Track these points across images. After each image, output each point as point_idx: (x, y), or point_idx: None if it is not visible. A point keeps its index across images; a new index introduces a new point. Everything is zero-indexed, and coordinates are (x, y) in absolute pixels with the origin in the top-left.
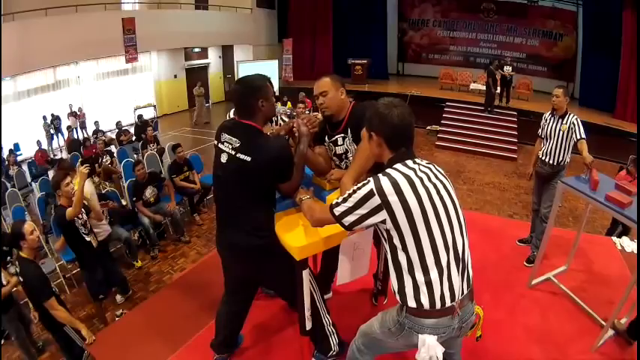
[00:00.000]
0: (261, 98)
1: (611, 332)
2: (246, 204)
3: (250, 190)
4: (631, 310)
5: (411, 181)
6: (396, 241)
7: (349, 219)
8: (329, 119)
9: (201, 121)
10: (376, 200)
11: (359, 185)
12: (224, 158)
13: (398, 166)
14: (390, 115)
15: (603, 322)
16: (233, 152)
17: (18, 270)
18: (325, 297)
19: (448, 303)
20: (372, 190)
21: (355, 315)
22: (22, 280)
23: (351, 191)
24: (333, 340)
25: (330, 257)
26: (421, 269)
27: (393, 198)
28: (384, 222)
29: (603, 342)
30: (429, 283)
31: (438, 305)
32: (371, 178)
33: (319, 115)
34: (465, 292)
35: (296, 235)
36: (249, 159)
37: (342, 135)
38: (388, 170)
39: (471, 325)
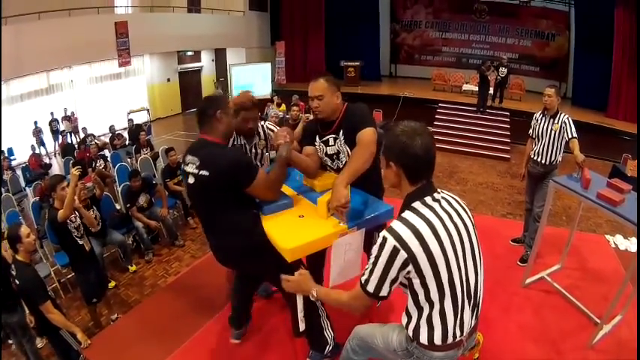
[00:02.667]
0: (218, 109)
1: (606, 329)
2: (220, 211)
3: (220, 200)
4: (625, 307)
5: (431, 225)
6: (417, 287)
7: (385, 289)
8: (321, 119)
9: None
10: (402, 255)
11: (378, 246)
12: (191, 180)
13: (417, 205)
14: (413, 146)
15: (598, 320)
16: (196, 171)
17: (14, 273)
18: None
19: (458, 337)
20: (395, 247)
21: (348, 316)
22: (17, 283)
23: (373, 258)
24: (329, 334)
25: (314, 257)
26: (439, 311)
27: (417, 249)
28: (408, 273)
29: (598, 339)
30: (444, 323)
31: (450, 341)
32: (387, 232)
33: (312, 117)
34: (473, 325)
35: (287, 236)
36: (207, 174)
37: (334, 136)
38: (406, 214)
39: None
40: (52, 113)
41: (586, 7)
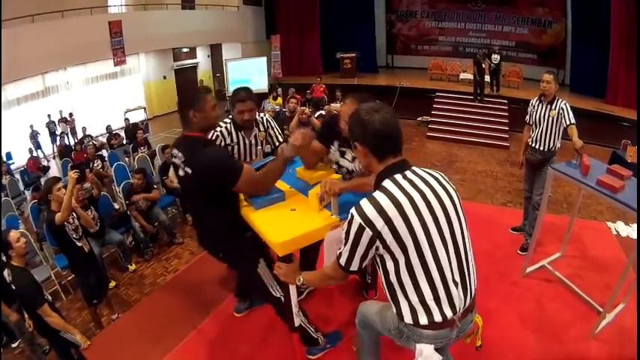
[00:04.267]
0: (192, 109)
1: (608, 318)
2: (204, 208)
3: (203, 197)
4: (628, 295)
5: (397, 204)
6: (389, 264)
7: (355, 264)
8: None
9: None
10: (368, 233)
11: (347, 223)
12: (181, 172)
13: (386, 183)
14: (371, 120)
15: (600, 309)
16: (183, 165)
17: (10, 278)
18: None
19: (449, 316)
20: (360, 224)
21: (346, 308)
22: (14, 287)
23: (344, 234)
24: (312, 331)
25: (307, 249)
26: (414, 291)
27: (382, 227)
28: (377, 249)
29: (601, 328)
30: (423, 303)
31: (439, 320)
32: (354, 210)
33: (306, 110)
34: (467, 304)
35: (277, 230)
36: (190, 171)
37: (355, 155)
38: (375, 193)
39: (468, 333)
40: (49, 115)
41: None
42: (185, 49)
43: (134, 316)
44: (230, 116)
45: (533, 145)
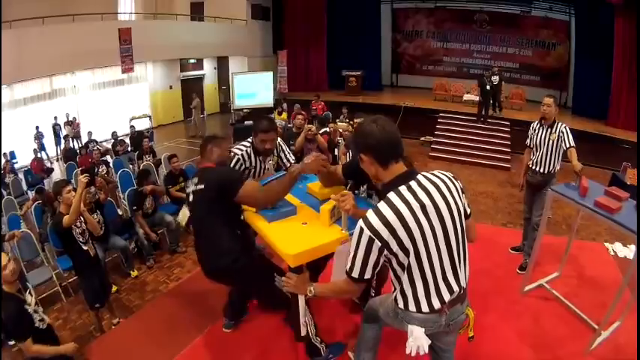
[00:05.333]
0: (209, 144)
1: (604, 335)
2: (210, 229)
3: (212, 214)
4: (623, 314)
5: (400, 216)
6: (395, 264)
7: (368, 273)
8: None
9: (197, 132)
10: (377, 244)
11: (357, 237)
12: (191, 197)
13: (391, 195)
14: (371, 131)
15: (596, 326)
16: (194, 187)
17: None
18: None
19: (436, 307)
20: (370, 237)
21: (349, 319)
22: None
23: (354, 246)
24: (317, 341)
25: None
26: (409, 286)
27: (388, 237)
28: (386, 255)
29: (596, 345)
30: (414, 296)
31: (425, 310)
32: (362, 224)
33: (313, 128)
34: (456, 295)
35: (290, 242)
36: (202, 187)
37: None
38: (380, 205)
39: (461, 325)
40: (55, 117)
41: (586, 17)
42: (192, 60)
43: (136, 322)
44: (249, 140)
45: (534, 167)
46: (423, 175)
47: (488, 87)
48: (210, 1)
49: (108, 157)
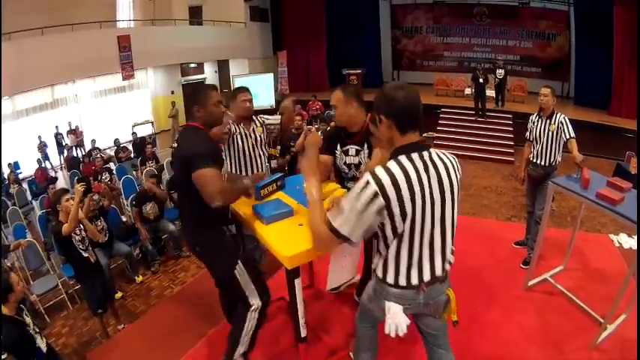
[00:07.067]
0: (195, 105)
1: (610, 329)
2: (184, 202)
3: (183, 187)
4: (629, 306)
5: (408, 178)
6: (388, 231)
7: (356, 233)
8: (343, 129)
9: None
10: (380, 201)
11: (358, 189)
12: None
13: (401, 158)
14: (397, 96)
15: (601, 320)
16: (175, 145)
17: None
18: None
19: (414, 283)
20: (375, 192)
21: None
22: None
23: (351, 201)
24: (238, 350)
25: None
26: (394, 257)
27: (392, 197)
28: (382, 219)
29: (602, 339)
30: (397, 267)
31: (402, 284)
32: (370, 177)
33: (312, 128)
34: (437, 275)
35: (286, 244)
36: (178, 154)
37: (357, 147)
38: (389, 164)
39: (443, 307)
40: (56, 127)
41: (585, 6)
42: (193, 65)
43: (140, 327)
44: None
45: (535, 160)
46: (436, 152)
47: (481, 80)
48: (209, 4)
49: (111, 164)
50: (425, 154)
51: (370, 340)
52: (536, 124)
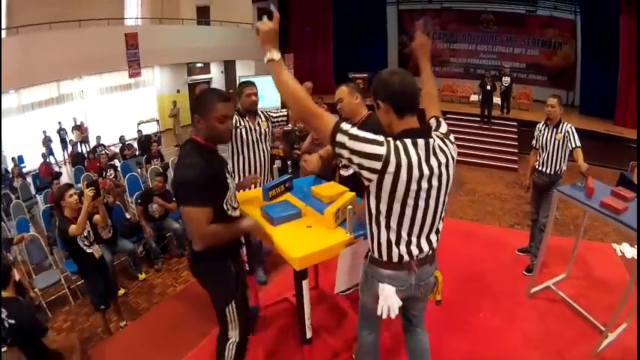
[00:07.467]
0: (196, 115)
1: (611, 337)
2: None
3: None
4: (630, 315)
5: (408, 156)
6: (372, 202)
7: (351, 145)
8: (345, 119)
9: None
10: (376, 164)
11: (371, 135)
12: None
13: (407, 140)
14: (392, 81)
15: (603, 328)
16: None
17: (7, 314)
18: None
19: (405, 260)
20: (383, 141)
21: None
22: (13, 322)
23: (364, 133)
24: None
25: None
26: (385, 231)
27: (391, 167)
28: (369, 178)
29: (603, 347)
30: (388, 243)
31: (395, 260)
32: (382, 137)
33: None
34: (425, 254)
35: (295, 246)
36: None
37: None
38: (398, 140)
39: (432, 288)
40: (59, 123)
41: (592, 15)
42: (199, 64)
43: (143, 324)
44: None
45: (541, 168)
46: (438, 143)
47: (489, 87)
48: (216, 5)
49: (116, 162)
50: (431, 140)
51: (373, 346)
52: (543, 132)
